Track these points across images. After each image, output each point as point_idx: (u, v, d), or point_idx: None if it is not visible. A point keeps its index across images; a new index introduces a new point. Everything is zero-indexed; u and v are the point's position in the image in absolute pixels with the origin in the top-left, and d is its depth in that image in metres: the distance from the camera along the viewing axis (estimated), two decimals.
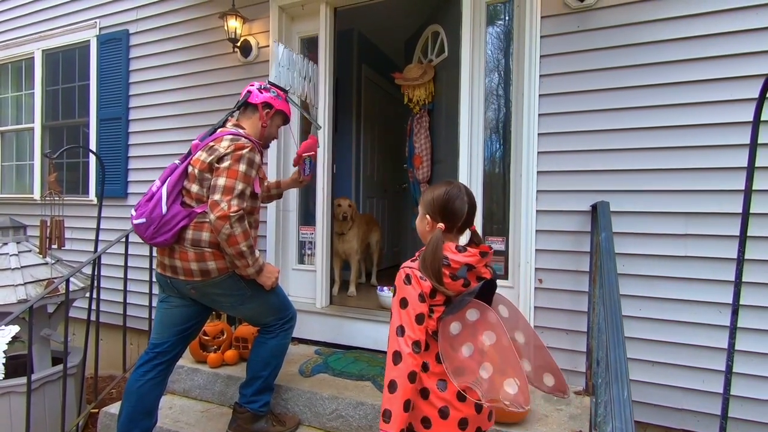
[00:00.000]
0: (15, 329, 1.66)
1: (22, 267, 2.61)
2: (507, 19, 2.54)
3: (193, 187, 1.80)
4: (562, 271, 2.25)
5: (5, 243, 2.71)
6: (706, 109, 2.01)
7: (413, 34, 3.53)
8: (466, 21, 2.50)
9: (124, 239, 2.47)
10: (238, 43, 3.03)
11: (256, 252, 1.81)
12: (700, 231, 2.01)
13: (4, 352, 1.71)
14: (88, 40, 3.80)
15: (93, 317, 2.61)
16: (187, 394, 2.44)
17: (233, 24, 2.96)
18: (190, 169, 1.83)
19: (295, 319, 2.07)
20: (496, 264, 2.49)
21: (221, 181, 1.72)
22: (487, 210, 2.58)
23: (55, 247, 2.69)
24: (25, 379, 2.09)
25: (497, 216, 2.60)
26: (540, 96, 2.28)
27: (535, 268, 2.30)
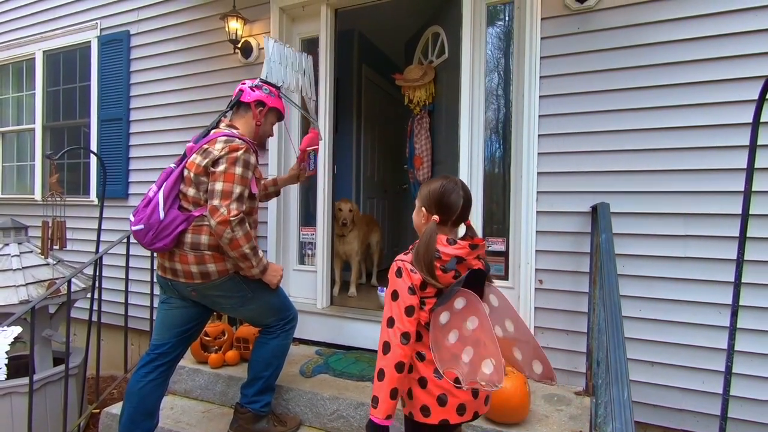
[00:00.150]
0: (17, 330, 1.66)
1: (24, 268, 2.62)
2: (507, 21, 2.55)
3: (190, 191, 1.80)
4: (563, 272, 2.26)
5: (7, 244, 2.71)
6: (705, 111, 2.01)
7: (413, 35, 3.54)
8: (467, 22, 2.50)
9: (125, 240, 2.48)
10: (239, 44, 3.04)
11: (259, 252, 1.82)
12: (700, 232, 2.02)
13: (6, 352, 1.71)
14: (89, 41, 3.81)
15: (94, 318, 2.62)
16: (188, 395, 2.45)
17: (234, 25, 2.96)
18: (186, 172, 1.82)
19: (296, 319, 2.07)
20: (496, 264, 2.50)
21: (219, 186, 1.71)
22: (487, 211, 2.59)
23: (56, 247, 2.70)
24: (27, 380, 2.10)
25: (497, 216, 2.60)
26: (540, 97, 2.28)
27: (536, 269, 2.30)
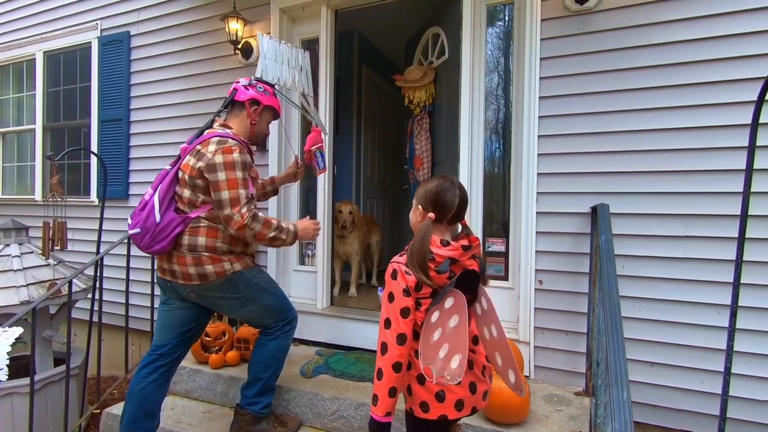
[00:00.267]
0: (19, 330, 1.66)
1: (25, 268, 2.62)
2: (507, 21, 2.56)
3: (185, 193, 1.80)
4: (562, 273, 2.26)
5: (7, 244, 2.72)
6: (704, 112, 2.02)
7: (414, 35, 3.54)
8: (467, 23, 2.51)
9: (126, 240, 2.48)
10: (239, 45, 3.04)
11: (283, 225, 1.85)
12: (699, 233, 2.02)
13: (7, 353, 1.72)
14: (90, 42, 3.81)
15: (95, 318, 2.62)
16: (188, 395, 2.46)
17: (234, 26, 2.97)
18: (181, 174, 1.82)
19: (295, 320, 2.07)
20: (496, 265, 2.51)
21: (225, 195, 1.72)
22: (487, 211, 2.59)
23: (57, 248, 2.70)
24: (28, 380, 2.11)
25: (497, 217, 2.61)
26: (540, 98, 2.29)
27: (535, 270, 2.30)
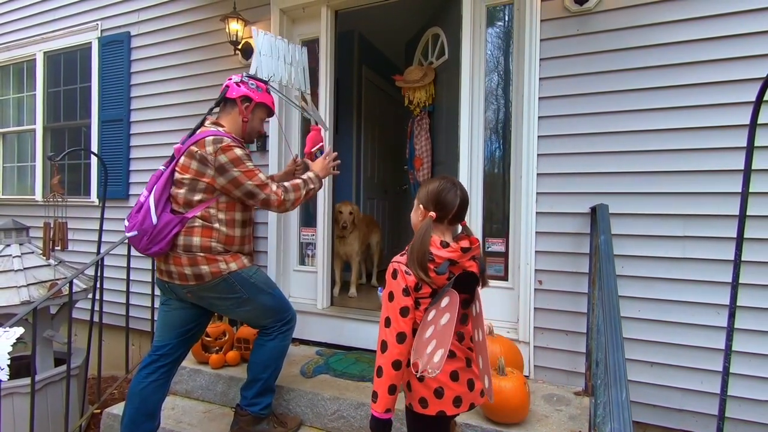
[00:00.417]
0: (20, 330, 1.67)
1: (25, 269, 2.62)
2: (507, 22, 2.56)
3: (181, 193, 1.81)
4: (562, 273, 2.27)
5: (8, 245, 2.72)
6: (703, 112, 2.02)
7: (413, 36, 3.55)
8: (466, 23, 2.51)
9: (126, 241, 2.48)
10: (239, 46, 3.05)
11: (304, 178, 1.97)
12: (698, 233, 2.03)
13: (8, 353, 1.72)
14: (90, 42, 3.81)
15: (96, 318, 2.63)
16: (189, 395, 2.46)
17: (234, 27, 2.97)
18: (178, 175, 1.82)
19: (294, 320, 2.06)
20: (496, 265, 2.51)
21: (250, 185, 1.79)
22: (487, 211, 2.59)
23: (58, 248, 2.71)
24: (28, 380, 2.11)
25: (497, 217, 2.61)
26: (540, 99, 2.29)
27: (535, 270, 2.31)
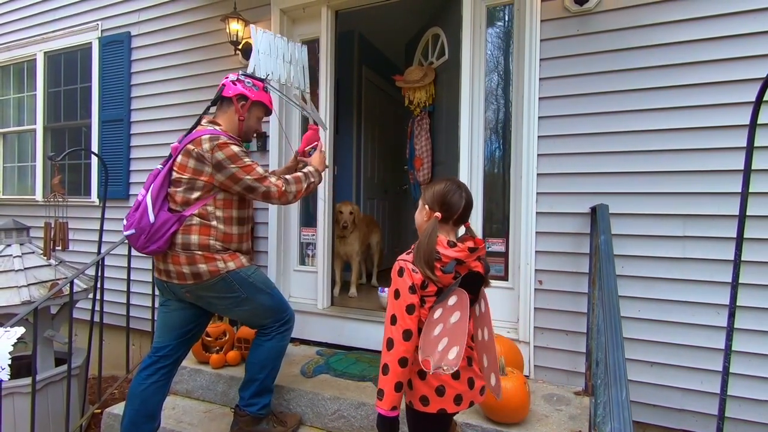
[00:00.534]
0: (21, 330, 1.67)
1: (26, 269, 2.63)
2: (507, 22, 2.56)
3: (178, 192, 1.81)
4: (562, 273, 2.27)
5: (9, 245, 2.72)
6: (703, 112, 2.02)
7: (414, 36, 3.55)
8: (467, 24, 2.51)
9: (126, 241, 2.48)
10: (240, 46, 3.05)
11: (305, 171, 1.98)
12: (698, 233, 2.03)
13: (9, 353, 1.72)
14: (90, 42, 3.82)
15: (96, 318, 2.63)
16: (189, 395, 2.46)
17: (235, 27, 2.97)
18: (175, 174, 1.82)
19: (292, 321, 2.05)
20: (496, 265, 2.51)
21: (249, 179, 1.79)
22: (487, 211, 2.60)
23: (59, 248, 2.71)
24: (29, 380, 2.11)
25: (497, 217, 2.61)
26: (540, 99, 2.29)
27: (535, 270, 2.31)
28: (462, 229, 1.41)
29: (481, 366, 1.37)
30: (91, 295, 2.79)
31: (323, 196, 2.92)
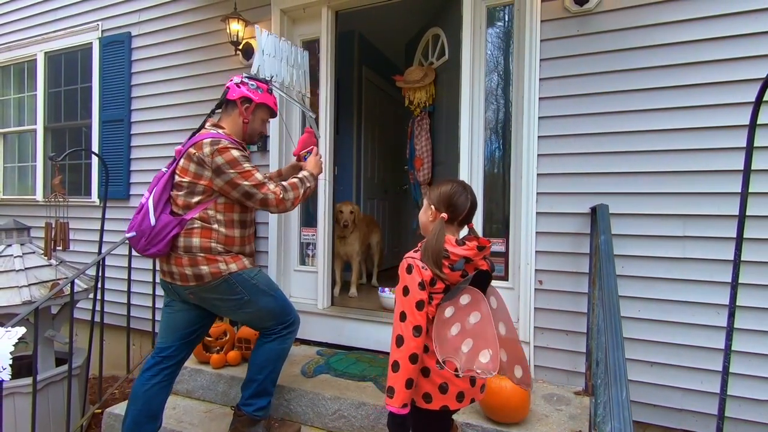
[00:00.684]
0: (22, 330, 1.67)
1: (27, 269, 2.63)
2: (507, 22, 2.57)
3: (180, 195, 1.81)
4: (562, 273, 2.27)
5: (9, 245, 2.73)
6: (703, 113, 2.02)
7: (414, 36, 3.56)
8: (467, 24, 2.51)
9: (127, 241, 2.49)
10: (240, 46, 3.05)
11: (300, 176, 1.97)
12: (698, 233, 2.03)
13: (10, 353, 1.73)
14: (91, 43, 3.82)
15: (97, 318, 2.63)
16: (190, 395, 2.46)
17: (235, 27, 2.98)
18: (176, 177, 1.83)
19: (296, 324, 2.04)
20: (497, 265, 2.51)
21: (246, 185, 1.78)
22: (487, 211, 2.60)
23: (59, 248, 2.71)
24: (30, 380, 2.11)
25: (497, 217, 2.62)
26: (540, 99, 2.29)
27: (535, 270, 2.31)
28: (464, 230, 1.43)
29: (492, 345, 1.35)
30: (91, 295, 2.79)
31: (323, 196, 2.92)
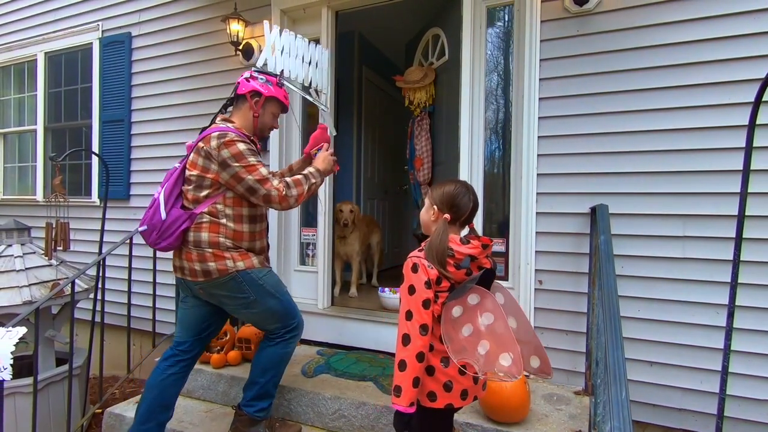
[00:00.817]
0: (22, 330, 1.67)
1: (27, 269, 2.63)
2: (507, 23, 2.57)
3: (189, 190, 1.83)
4: (562, 273, 2.27)
5: (10, 245, 2.73)
6: (703, 113, 2.03)
7: (414, 36, 3.56)
8: (467, 24, 2.52)
9: (128, 241, 2.49)
10: (240, 46, 3.05)
11: (306, 173, 1.93)
12: (698, 233, 2.04)
13: (10, 353, 1.73)
14: (91, 43, 3.82)
15: (97, 318, 2.63)
16: (190, 395, 2.47)
17: (235, 27, 2.98)
18: (186, 171, 1.85)
19: (299, 328, 2.03)
20: (497, 265, 2.52)
21: (250, 180, 1.76)
22: (487, 211, 2.60)
23: (60, 249, 2.71)
24: (31, 380, 2.11)
25: (497, 217, 2.62)
26: (540, 99, 2.30)
27: (535, 270, 2.32)
28: (465, 230, 1.43)
29: (512, 348, 1.36)
30: (92, 295, 2.79)
31: (323, 196, 2.92)
